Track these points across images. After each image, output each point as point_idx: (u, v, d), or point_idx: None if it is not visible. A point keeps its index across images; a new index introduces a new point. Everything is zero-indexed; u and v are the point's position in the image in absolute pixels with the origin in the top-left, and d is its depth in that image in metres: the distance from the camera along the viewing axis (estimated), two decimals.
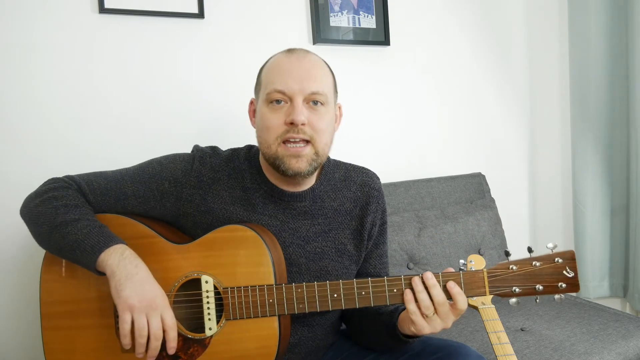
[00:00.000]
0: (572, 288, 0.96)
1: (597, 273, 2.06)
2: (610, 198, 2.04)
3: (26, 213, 1.06)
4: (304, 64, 1.04)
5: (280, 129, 1.02)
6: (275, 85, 1.02)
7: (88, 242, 0.97)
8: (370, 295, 0.99)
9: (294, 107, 1.01)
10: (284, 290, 1.00)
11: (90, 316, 1.04)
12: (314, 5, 1.76)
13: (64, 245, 0.99)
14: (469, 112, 2.14)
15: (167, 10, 1.54)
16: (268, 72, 1.07)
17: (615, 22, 1.94)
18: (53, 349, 1.05)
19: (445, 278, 0.97)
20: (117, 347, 1.03)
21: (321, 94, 1.03)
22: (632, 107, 1.91)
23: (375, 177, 1.21)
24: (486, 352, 1.32)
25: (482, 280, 0.97)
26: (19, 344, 1.41)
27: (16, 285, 1.41)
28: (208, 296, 1.02)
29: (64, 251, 1.00)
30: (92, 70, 1.48)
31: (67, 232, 0.98)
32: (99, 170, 1.13)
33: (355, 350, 1.19)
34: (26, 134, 1.42)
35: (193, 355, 1.02)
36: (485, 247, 1.85)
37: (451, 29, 2.08)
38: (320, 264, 1.11)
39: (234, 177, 1.10)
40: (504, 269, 0.97)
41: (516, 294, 0.97)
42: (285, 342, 1.04)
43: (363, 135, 1.91)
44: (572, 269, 0.96)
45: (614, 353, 1.43)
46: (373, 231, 1.18)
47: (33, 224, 1.04)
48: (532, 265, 0.97)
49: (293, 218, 1.11)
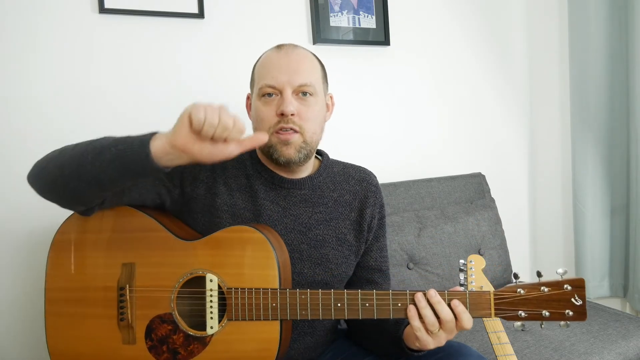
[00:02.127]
0: (580, 316, 0.93)
1: (597, 273, 2.06)
2: (610, 198, 2.04)
3: (40, 173, 0.98)
4: (292, 58, 1.10)
5: (273, 120, 1.07)
6: (266, 80, 1.08)
7: (134, 142, 0.91)
8: (374, 308, 0.98)
9: (283, 99, 1.07)
10: (288, 296, 1.00)
11: (94, 305, 1.06)
12: (314, 5, 1.76)
13: (112, 162, 0.91)
14: (469, 112, 2.15)
15: (167, 10, 1.54)
16: (260, 68, 1.13)
17: (615, 22, 1.94)
18: (55, 334, 1.06)
19: (450, 297, 0.95)
20: (118, 338, 1.04)
21: (309, 85, 1.09)
22: (632, 107, 1.91)
23: (373, 175, 1.26)
24: (486, 352, 1.32)
25: (488, 302, 0.95)
26: (23, 340, 1.42)
27: (18, 279, 1.41)
28: (212, 295, 1.02)
29: (111, 168, 0.91)
30: (92, 70, 1.49)
31: (105, 152, 0.91)
32: None
33: (355, 350, 1.19)
34: (26, 134, 1.42)
35: (192, 352, 1.02)
36: (485, 247, 1.85)
37: (451, 29, 2.08)
38: (321, 251, 1.13)
39: (237, 168, 1.16)
40: (512, 292, 0.94)
41: (522, 318, 0.94)
42: (285, 347, 1.04)
43: (363, 135, 1.91)
44: (580, 297, 0.93)
45: (614, 353, 1.43)
46: (373, 224, 1.20)
47: (57, 175, 0.95)
48: (540, 291, 0.94)
49: (294, 205, 1.14)
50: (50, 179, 0.97)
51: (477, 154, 2.17)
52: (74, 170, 0.93)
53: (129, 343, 1.03)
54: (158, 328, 1.03)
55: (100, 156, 0.92)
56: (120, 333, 1.04)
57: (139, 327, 1.04)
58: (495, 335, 1.15)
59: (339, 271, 1.15)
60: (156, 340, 1.03)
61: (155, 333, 1.03)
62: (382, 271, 1.23)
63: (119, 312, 1.05)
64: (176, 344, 1.02)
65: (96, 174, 0.92)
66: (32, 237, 1.09)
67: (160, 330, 1.03)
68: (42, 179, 0.98)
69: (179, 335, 1.02)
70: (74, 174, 0.93)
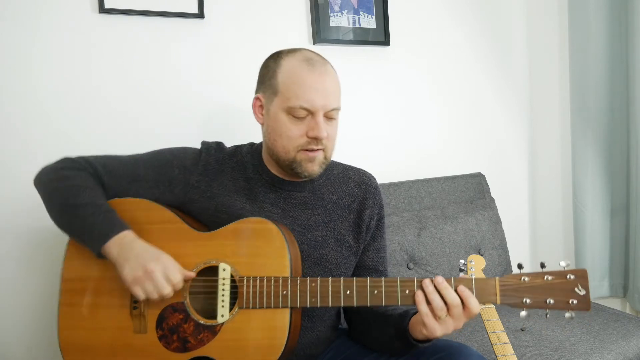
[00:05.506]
0: (584, 306, 0.95)
1: (597, 273, 2.06)
2: (610, 198, 2.04)
3: (40, 186, 1.12)
4: (327, 80, 1.10)
5: (302, 139, 1.09)
6: (301, 102, 1.07)
7: (95, 229, 1.04)
8: (382, 294, 0.99)
9: (317, 123, 1.07)
10: (299, 283, 1.02)
11: (108, 295, 1.07)
12: (314, 5, 1.76)
13: (74, 229, 1.08)
14: (469, 112, 2.14)
15: (167, 10, 1.54)
16: (289, 83, 1.09)
17: (615, 22, 1.94)
18: (67, 325, 1.08)
19: (457, 283, 0.97)
20: (130, 327, 1.06)
21: (338, 109, 1.12)
22: (632, 107, 1.91)
23: (372, 177, 1.26)
24: (486, 352, 1.32)
25: (494, 288, 0.97)
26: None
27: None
28: (224, 284, 1.04)
29: (73, 234, 1.09)
30: (92, 70, 1.48)
31: (76, 216, 1.05)
32: (112, 154, 1.18)
33: (356, 350, 1.19)
34: (26, 133, 1.42)
35: (202, 340, 1.03)
36: (485, 247, 1.85)
37: (451, 29, 2.08)
38: (320, 251, 1.14)
39: (237, 170, 1.17)
40: (516, 279, 0.97)
41: (527, 305, 0.96)
42: (295, 336, 1.06)
43: (363, 135, 1.91)
44: (584, 287, 0.96)
45: (614, 353, 1.43)
46: (371, 224, 1.21)
47: (46, 199, 1.11)
48: (544, 279, 0.96)
49: (294, 207, 1.16)
50: (41, 194, 1.12)
51: (477, 154, 2.17)
52: (47, 202, 1.10)
53: (140, 332, 1.05)
54: (169, 317, 1.05)
55: (66, 212, 1.07)
56: (131, 322, 1.06)
57: (150, 317, 1.06)
58: (495, 335, 1.16)
59: (339, 271, 1.16)
60: (167, 329, 1.05)
61: (167, 322, 1.05)
62: (379, 272, 1.23)
63: (132, 301, 1.06)
64: (186, 332, 1.04)
65: (58, 219, 1.09)
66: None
67: (171, 319, 1.05)
68: (38, 190, 1.12)
69: (189, 324, 1.04)
70: (46, 204, 1.10)
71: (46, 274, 1.41)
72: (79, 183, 1.07)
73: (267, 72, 1.13)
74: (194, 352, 1.03)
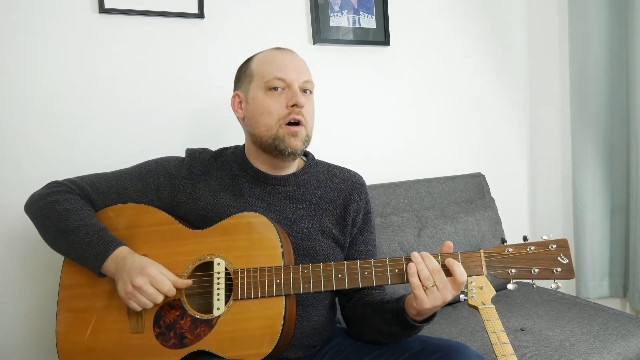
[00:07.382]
0: (567, 274, 1.00)
1: (597, 273, 2.06)
2: (610, 198, 2.04)
3: (31, 213, 1.14)
4: (296, 58, 1.19)
5: (283, 112, 1.13)
6: (275, 73, 1.14)
7: (90, 252, 1.06)
8: (372, 275, 1.03)
9: (294, 92, 1.14)
10: (291, 271, 1.04)
11: (105, 297, 1.09)
12: (314, 5, 1.76)
13: (70, 252, 1.09)
14: (469, 112, 2.14)
15: (167, 10, 1.54)
16: (262, 64, 1.18)
17: (615, 22, 1.94)
18: (65, 330, 1.09)
19: (443, 257, 1.01)
20: (127, 328, 1.07)
21: (311, 82, 1.19)
22: (632, 107, 1.91)
23: (358, 175, 1.30)
24: (486, 352, 1.32)
25: (479, 260, 1.02)
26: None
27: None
28: (219, 277, 1.05)
29: (70, 257, 1.11)
30: (92, 70, 1.48)
31: (70, 241, 1.07)
32: (98, 172, 1.22)
33: (355, 349, 1.19)
34: (26, 133, 1.42)
35: (199, 335, 1.04)
36: (485, 247, 1.84)
37: (451, 29, 2.08)
38: (307, 243, 1.17)
39: (222, 169, 1.21)
40: (500, 250, 1.02)
41: (512, 276, 1.01)
42: (291, 324, 1.07)
43: (363, 135, 1.91)
44: (566, 256, 1.00)
45: (614, 353, 1.43)
46: (357, 218, 1.24)
47: (39, 226, 1.13)
48: (527, 250, 1.01)
49: (278, 201, 1.19)
50: (33, 222, 1.14)
51: (477, 154, 2.17)
52: (39, 229, 1.13)
53: (137, 332, 1.06)
54: (166, 314, 1.06)
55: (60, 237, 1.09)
56: (129, 323, 1.07)
57: (148, 315, 1.07)
58: (495, 335, 1.15)
59: (327, 262, 1.15)
60: (164, 326, 1.06)
61: (164, 320, 1.06)
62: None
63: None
64: (183, 328, 1.05)
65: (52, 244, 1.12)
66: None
67: (168, 316, 1.06)
68: (30, 218, 1.15)
69: (186, 320, 1.05)
70: (40, 232, 1.13)
71: (44, 279, 1.41)
72: (68, 207, 1.09)
73: (241, 71, 1.23)
74: (191, 347, 1.04)
